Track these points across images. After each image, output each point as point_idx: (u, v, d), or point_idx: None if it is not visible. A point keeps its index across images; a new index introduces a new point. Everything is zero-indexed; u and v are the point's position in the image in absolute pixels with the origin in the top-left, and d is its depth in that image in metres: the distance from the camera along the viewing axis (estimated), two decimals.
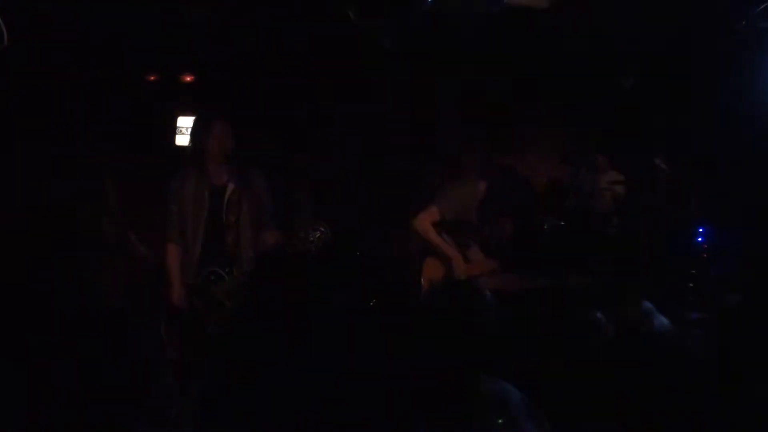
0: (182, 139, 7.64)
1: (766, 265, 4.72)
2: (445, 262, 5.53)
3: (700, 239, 6.50)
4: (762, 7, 5.62)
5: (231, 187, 4.89)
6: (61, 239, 6.30)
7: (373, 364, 2.86)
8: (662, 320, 4.00)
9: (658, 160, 6.87)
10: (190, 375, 4.49)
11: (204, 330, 4.67)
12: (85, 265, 6.28)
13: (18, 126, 6.70)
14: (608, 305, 3.50)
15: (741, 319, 3.40)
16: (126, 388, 4.65)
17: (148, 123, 7.63)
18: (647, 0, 5.97)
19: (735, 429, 2.84)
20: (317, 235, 4.72)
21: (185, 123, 7.63)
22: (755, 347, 3.10)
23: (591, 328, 3.34)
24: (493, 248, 5.57)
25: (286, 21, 6.63)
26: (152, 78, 7.74)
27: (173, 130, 7.76)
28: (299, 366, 2.82)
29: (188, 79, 7.79)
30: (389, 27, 5.94)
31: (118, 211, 6.72)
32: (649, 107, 7.52)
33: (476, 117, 7.91)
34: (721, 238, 6.56)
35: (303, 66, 7.48)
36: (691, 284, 6.08)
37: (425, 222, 5.47)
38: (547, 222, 6.14)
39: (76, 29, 6.45)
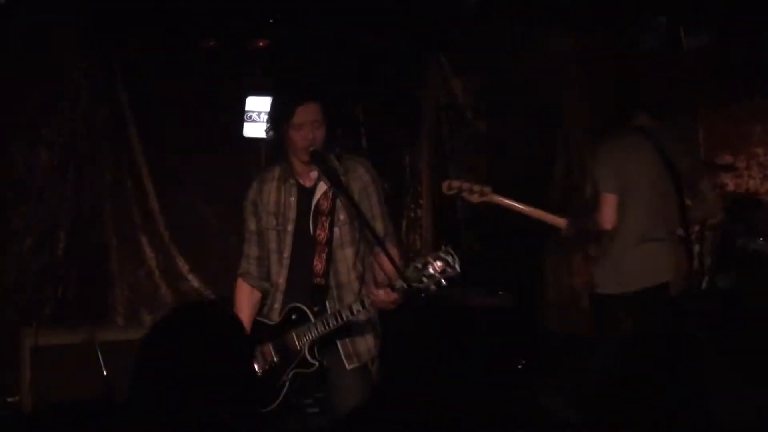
0: (253, 129, 6.55)
1: None
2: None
3: None
4: None
5: (322, 188, 4.08)
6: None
7: None
8: None
9: None
10: None
11: (279, 391, 4.01)
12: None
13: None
14: None
15: None
16: None
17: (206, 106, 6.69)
18: None
19: None
20: (439, 267, 3.66)
21: (256, 106, 6.55)
22: None
23: None
24: None
25: None
26: (211, 44, 6.55)
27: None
28: None
29: (261, 44, 6.66)
30: None
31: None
32: None
33: None
34: None
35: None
36: None
37: None
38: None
39: None
